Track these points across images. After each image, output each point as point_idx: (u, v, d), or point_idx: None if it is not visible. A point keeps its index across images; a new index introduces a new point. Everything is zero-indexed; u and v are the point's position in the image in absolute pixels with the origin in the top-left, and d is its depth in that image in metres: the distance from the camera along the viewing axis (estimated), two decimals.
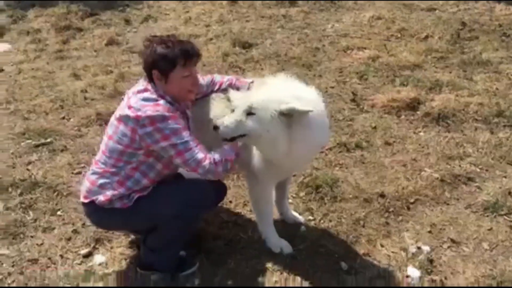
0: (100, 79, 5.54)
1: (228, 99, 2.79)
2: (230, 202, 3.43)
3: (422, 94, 4.79)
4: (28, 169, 3.89)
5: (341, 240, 3.04)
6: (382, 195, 3.42)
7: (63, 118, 4.74)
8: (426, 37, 6.31)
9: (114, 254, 3.00)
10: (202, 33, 6.98)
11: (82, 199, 2.68)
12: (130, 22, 7.69)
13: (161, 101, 2.55)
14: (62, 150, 4.16)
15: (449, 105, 4.49)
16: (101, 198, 2.58)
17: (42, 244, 3.13)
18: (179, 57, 2.59)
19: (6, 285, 2.83)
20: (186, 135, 2.53)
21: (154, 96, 2.57)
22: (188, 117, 2.77)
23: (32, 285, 2.82)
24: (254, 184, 2.88)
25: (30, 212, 3.39)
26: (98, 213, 2.65)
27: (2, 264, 2.98)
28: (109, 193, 2.57)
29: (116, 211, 2.60)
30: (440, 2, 7.61)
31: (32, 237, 3.19)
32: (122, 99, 2.76)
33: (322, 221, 3.20)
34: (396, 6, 7.69)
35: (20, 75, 5.83)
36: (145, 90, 2.60)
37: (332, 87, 5.19)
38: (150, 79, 2.63)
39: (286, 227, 3.13)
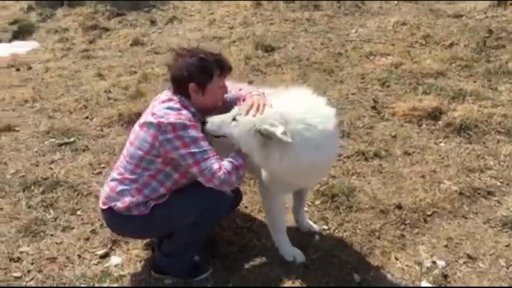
0: (124, 79, 5.64)
1: None
2: (246, 207, 3.46)
3: (445, 103, 4.72)
4: (50, 168, 3.99)
5: (355, 251, 3.03)
6: (399, 207, 3.39)
7: (87, 117, 4.85)
8: (451, 44, 6.21)
9: (130, 256, 3.05)
10: (225, 35, 7.03)
11: (100, 205, 2.73)
12: (155, 23, 7.80)
13: (184, 111, 2.60)
14: (84, 150, 4.25)
15: (472, 115, 4.41)
16: (119, 204, 2.62)
17: (61, 243, 3.20)
18: (216, 68, 2.66)
19: (25, 282, 2.91)
20: (205, 145, 2.57)
21: (177, 106, 2.62)
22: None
23: (50, 283, 2.89)
24: (265, 192, 2.91)
25: (51, 211, 3.48)
26: (116, 220, 2.70)
27: (23, 261, 3.06)
28: (127, 199, 2.62)
29: (133, 218, 2.64)
30: (468, 8, 7.49)
31: (52, 235, 3.27)
32: (146, 102, 2.82)
33: (336, 231, 3.19)
34: (422, 12, 7.60)
35: (47, 74, 5.97)
36: (169, 100, 2.65)
37: (353, 94, 5.16)
38: (178, 91, 2.68)
39: (300, 235, 3.14)
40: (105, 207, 2.69)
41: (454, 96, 4.85)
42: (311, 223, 3.21)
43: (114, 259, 3.03)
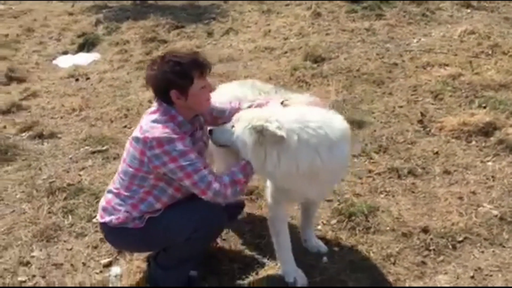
0: None
1: None
2: (260, 222, 3.28)
3: (501, 118, 4.25)
4: (79, 175, 4.06)
5: (364, 276, 2.74)
6: (425, 230, 3.06)
7: (125, 126, 4.91)
8: None
9: (131, 266, 2.98)
10: (278, 46, 6.89)
11: (98, 218, 2.70)
12: (212, 35, 7.83)
13: (170, 124, 2.50)
14: (114, 158, 4.28)
15: None
16: (114, 220, 2.57)
17: (71, 249, 3.22)
18: (194, 69, 2.53)
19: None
20: (193, 157, 2.47)
21: (164, 117, 2.52)
22: (204, 134, 2.72)
23: None
24: (269, 202, 2.73)
25: (70, 217, 3.52)
26: (112, 233, 2.65)
27: (31, 265, 3.11)
28: (121, 216, 2.56)
29: (129, 231, 2.57)
30: None
31: (64, 241, 3.30)
32: None
33: (347, 254, 2.93)
34: (496, 20, 7.02)
35: (99, 84, 6.17)
36: (156, 111, 2.57)
37: (401, 107, 4.80)
38: (163, 100, 2.57)
39: (308, 256, 2.91)
40: (102, 220, 2.65)
41: None
42: (320, 243, 2.97)
43: (115, 269, 2.99)
